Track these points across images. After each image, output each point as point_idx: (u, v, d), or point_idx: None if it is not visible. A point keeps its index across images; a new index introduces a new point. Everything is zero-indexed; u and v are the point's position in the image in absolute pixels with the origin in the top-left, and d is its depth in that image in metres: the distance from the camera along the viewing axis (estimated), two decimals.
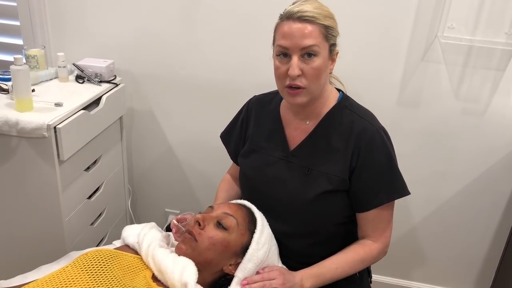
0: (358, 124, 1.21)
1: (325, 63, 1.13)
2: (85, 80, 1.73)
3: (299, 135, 1.26)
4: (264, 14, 1.68)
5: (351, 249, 1.25)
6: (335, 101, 1.25)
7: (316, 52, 1.10)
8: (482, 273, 1.97)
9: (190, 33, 1.78)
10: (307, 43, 1.09)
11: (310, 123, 1.25)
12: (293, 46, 1.10)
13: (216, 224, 1.13)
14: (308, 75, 1.11)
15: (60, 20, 1.86)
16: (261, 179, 1.29)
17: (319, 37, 1.10)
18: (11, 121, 1.38)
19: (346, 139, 1.20)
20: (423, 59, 1.65)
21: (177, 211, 2.14)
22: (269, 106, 1.35)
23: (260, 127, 1.34)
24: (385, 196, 1.21)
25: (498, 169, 1.76)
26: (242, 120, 1.39)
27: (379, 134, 1.20)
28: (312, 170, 1.22)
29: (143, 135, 2.02)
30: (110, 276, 1.03)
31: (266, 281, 1.11)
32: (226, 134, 1.48)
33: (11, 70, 1.39)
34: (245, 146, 1.37)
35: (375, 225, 1.24)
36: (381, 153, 1.20)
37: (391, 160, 1.21)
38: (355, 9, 1.61)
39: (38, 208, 1.51)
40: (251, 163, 1.33)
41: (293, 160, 1.26)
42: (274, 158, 1.28)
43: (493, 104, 1.67)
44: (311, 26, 1.09)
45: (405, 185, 1.24)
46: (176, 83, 1.88)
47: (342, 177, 1.20)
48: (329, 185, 1.20)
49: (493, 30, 1.56)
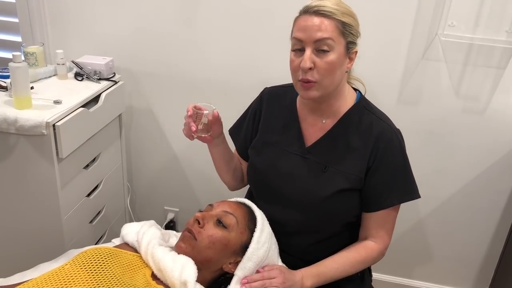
0: (377, 125, 1.22)
1: (340, 59, 1.12)
2: (84, 78, 1.72)
3: (316, 132, 1.26)
4: (265, 13, 1.67)
5: (352, 249, 1.25)
6: (353, 101, 1.26)
7: (330, 47, 1.10)
8: (481, 271, 1.97)
9: (189, 31, 1.77)
10: (321, 36, 1.09)
11: (327, 121, 1.25)
12: (307, 38, 1.10)
13: (216, 223, 1.13)
14: (320, 69, 1.11)
15: (59, 17, 1.85)
16: (273, 173, 1.28)
17: (334, 32, 1.10)
18: (9, 118, 1.38)
19: (365, 140, 1.21)
20: (424, 57, 1.64)
21: (176, 209, 2.14)
22: (284, 99, 1.34)
23: (273, 120, 1.33)
24: (397, 197, 1.23)
25: (498, 167, 1.76)
26: (255, 112, 1.38)
27: (396, 137, 1.22)
28: (329, 168, 1.22)
29: (142, 133, 2.01)
30: (110, 274, 1.03)
31: (266, 280, 1.11)
32: (235, 129, 1.47)
33: (10, 67, 1.39)
34: (256, 138, 1.35)
35: (379, 226, 1.24)
36: (397, 155, 1.21)
37: (405, 163, 1.23)
38: (355, 6, 1.60)
39: (37, 206, 1.50)
40: (263, 157, 1.31)
41: (309, 157, 1.25)
42: (289, 153, 1.28)
43: (494, 103, 1.66)
44: (327, 21, 1.10)
45: (416, 189, 1.26)
46: (175, 81, 1.87)
47: (359, 176, 1.21)
48: (346, 183, 1.20)
49: (494, 28, 1.56)
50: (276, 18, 1.67)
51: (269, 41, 1.71)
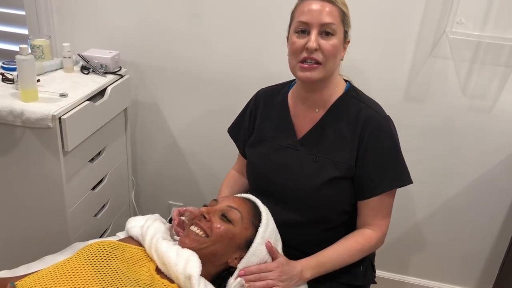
0: (365, 112, 1.23)
1: (340, 45, 1.17)
2: (90, 71, 1.72)
3: (307, 123, 1.28)
4: (272, 7, 1.67)
5: (350, 238, 1.26)
6: (342, 90, 1.27)
7: (334, 31, 1.14)
8: (485, 271, 1.97)
9: (196, 26, 1.77)
10: (327, 20, 1.12)
11: (319, 111, 1.26)
12: (313, 21, 1.13)
13: (221, 217, 1.13)
14: (325, 51, 1.14)
15: (65, 10, 1.85)
16: (268, 167, 1.30)
17: (337, 18, 1.14)
18: (16, 111, 1.38)
19: (353, 127, 1.22)
20: (431, 55, 1.63)
21: (180, 203, 2.14)
22: (277, 97, 1.35)
23: (267, 119, 1.35)
24: (388, 183, 1.23)
25: (503, 166, 1.75)
26: (251, 112, 1.40)
27: (385, 122, 1.22)
28: (319, 158, 1.24)
29: (147, 127, 2.01)
30: (114, 268, 1.03)
31: (262, 274, 1.12)
32: (233, 128, 1.48)
33: (17, 60, 1.39)
34: (252, 137, 1.37)
35: (375, 213, 1.25)
36: (386, 139, 1.22)
37: (395, 147, 1.23)
38: (363, 3, 1.60)
39: (42, 199, 1.51)
40: (258, 152, 1.34)
41: (301, 148, 1.27)
42: (281, 146, 1.29)
43: (501, 101, 1.65)
44: (330, 6, 1.14)
45: (408, 174, 1.25)
46: (181, 76, 1.87)
47: (349, 164, 1.22)
48: (337, 171, 1.21)
49: (502, 26, 1.55)
50: (283, 12, 1.65)
51: (276, 35, 1.70)
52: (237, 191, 1.45)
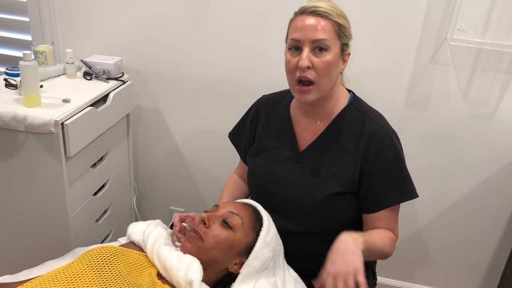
0: (368, 126, 1.21)
1: (336, 60, 1.13)
2: (92, 77, 1.73)
3: (309, 135, 1.26)
4: (273, 14, 1.68)
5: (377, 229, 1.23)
6: (346, 102, 1.25)
7: (327, 47, 1.11)
8: (487, 277, 1.96)
9: (198, 32, 1.78)
10: (318, 36, 1.10)
11: (321, 124, 1.25)
12: (304, 38, 1.11)
13: (222, 223, 1.13)
14: (318, 68, 1.11)
15: (68, 16, 1.86)
16: (269, 178, 1.29)
17: (331, 32, 1.11)
18: (19, 116, 1.39)
19: (357, 141, 1.20)
20: (432, 61, 1.64)
21: (182, 209, 2.14)
22: (279, 105, 1.34)
23: (269, 127, 1.34)
24: (394, 198, 1.22)
25: (505, 173, 1.75)
26: (252, 119, 1.39)
27: (389, 136, 1.20)
28: (322, 171, 1.22)
29: (149, 133, 2.02)
30: (115, 273, 1.03)
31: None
32: (234, 133, 1.47)
33: (20, 65, 1.40)
34: (254, 145, 1.36)
35: (383, 223, 1.24)
36: (390, 155, 1.20)
37: (400, 163, 1.21)
38: (364, 10, 1.61)
39: (44, 204, 1.51)
40: (260, 162, 1.32)
41: (303, 161, 1.25)
42: (283, 157, 1.28)
43: (502, 108, 1.66)
44: (323, 21, 1.11)
45: (413, 188, 1.24)
46: (183, 82, 1.88)
47: (352, 179, 1.20)
48: (339, 187, 1.20)
49: (503, 33, 1.55)
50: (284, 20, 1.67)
51: (277, 42, 1.71)
52: (238, 196, 1.45)
